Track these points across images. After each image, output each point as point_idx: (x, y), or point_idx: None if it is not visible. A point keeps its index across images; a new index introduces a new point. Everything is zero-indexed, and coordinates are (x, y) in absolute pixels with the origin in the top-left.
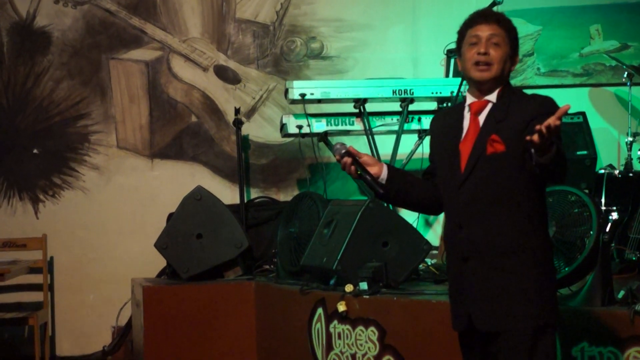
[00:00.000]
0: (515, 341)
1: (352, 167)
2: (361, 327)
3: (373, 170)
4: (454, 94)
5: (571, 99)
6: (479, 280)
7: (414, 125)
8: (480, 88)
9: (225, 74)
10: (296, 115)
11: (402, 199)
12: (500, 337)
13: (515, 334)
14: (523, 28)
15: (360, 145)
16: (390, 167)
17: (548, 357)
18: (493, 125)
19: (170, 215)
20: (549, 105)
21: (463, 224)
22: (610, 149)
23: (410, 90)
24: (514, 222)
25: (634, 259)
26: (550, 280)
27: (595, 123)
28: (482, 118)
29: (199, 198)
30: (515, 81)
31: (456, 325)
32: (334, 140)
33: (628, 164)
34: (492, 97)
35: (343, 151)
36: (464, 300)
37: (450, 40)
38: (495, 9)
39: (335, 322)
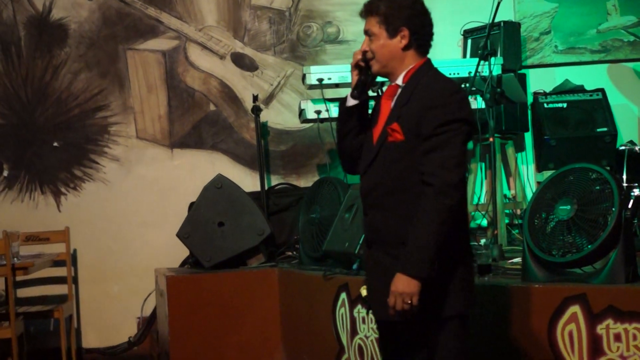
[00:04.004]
0: (413, 333)
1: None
2: None
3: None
4: (472, 74)
5: (590, 76)
6: (378, 269)
7: None
8: (384, 77)
9: (242, 62)
10: (314, 101)
11: (345, 129)
12: (400, 327)
13: (412, 326)
14: (539, 6)
15: None
16: (366, 105)
17: (449, 349)
18: (398, 110)
19: (192, 205)
20: (442, 98)
21: (367, 210)
22: (631, 124)
23: None
24: (413, 213)
25: None
26: (452, 273)
27: (615, 99)
28: (393, 102)
29: (219, 186)
30: (533, 60)
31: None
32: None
33: None
34: (400, 80)
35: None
36: (368, 287)
37: (466, 20)
38: None
39: (359, 306)
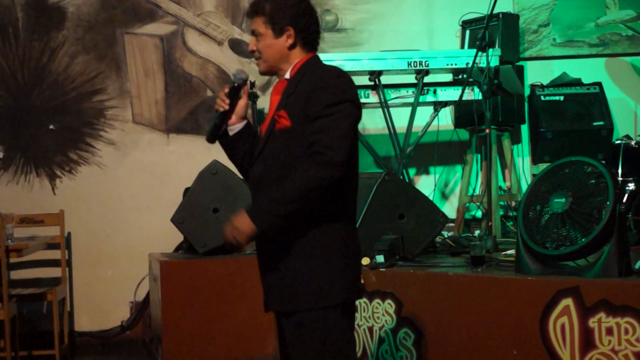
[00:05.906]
0: (302, 321)
1: (227, 101)
2: (378, 300)
3: (232, 120)
4: (469, 65)
5: (587, 69)
6: (269, 259)
7: (430, 98)
8: (272, 74)
9: (240, 48)
10: None
11: (238, 156)
12: (290, 317)
13: (302, 315)
14: None
15: (375, 117)
16: (251, 127)
17: (337, 336)
18: (285, 99)
19: (187, 190)
20: (328, 80)
21: (255, 201)
22: (627, 119)
23: (425, 62)
24: None
25: None
26: (339, 260)
27: (612, 93)
28: (281, 95)
29: (215, 172)
30: (531, 52)
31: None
32: None
33: None
34: (287, 75)
35: (241, 80)
36: (262, 280)
37: (465, 11)
38: None
39: None
